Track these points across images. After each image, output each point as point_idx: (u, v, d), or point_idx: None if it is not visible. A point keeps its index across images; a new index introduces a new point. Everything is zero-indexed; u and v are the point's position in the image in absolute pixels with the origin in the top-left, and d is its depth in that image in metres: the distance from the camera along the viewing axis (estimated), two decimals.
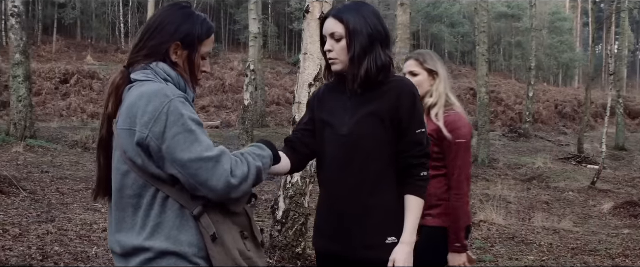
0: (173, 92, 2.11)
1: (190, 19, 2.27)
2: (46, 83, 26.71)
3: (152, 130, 2.05)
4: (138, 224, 2.14)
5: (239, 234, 2.20)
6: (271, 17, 46.22)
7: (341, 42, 2.59)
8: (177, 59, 2.26)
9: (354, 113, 2.60)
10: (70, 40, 41.63)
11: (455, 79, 41.73)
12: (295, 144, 2.75)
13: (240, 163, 2.13)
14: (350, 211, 2.61)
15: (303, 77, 5.39)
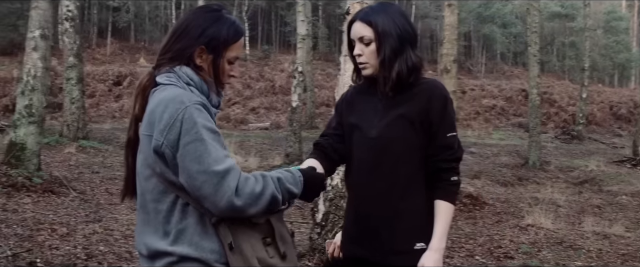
0: (190, 98, 2.08)
1: (217, 23, 2.23)
2: (100, 85, 27.27)
3: (167, 138, 2.03)
4: (160, 229, 2.13)
5: (260, 242, 2.15)
6: (321, 18, 46.28)
7: (370, 46, 2.55)
8: (201, 62, 2.22)
9: (384, 116, 2.55)
10: (124, 42, 42.39)
11: (507, 79, 41.23)
12: (327, 149, 2.70)
13: (252, 183, 2.06)
14: (379, 216, 2.56)
15: (343, 79, 5.37)
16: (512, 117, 31.18)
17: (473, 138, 24.55)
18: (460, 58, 44.45)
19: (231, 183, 2.00)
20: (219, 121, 24.19)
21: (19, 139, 9.67)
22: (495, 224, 8.99)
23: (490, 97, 33.16)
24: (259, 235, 2.15)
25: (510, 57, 54.08)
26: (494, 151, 19.94)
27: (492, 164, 17.10)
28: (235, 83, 29.95)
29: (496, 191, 12.44)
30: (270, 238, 2.18)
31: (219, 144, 2.06)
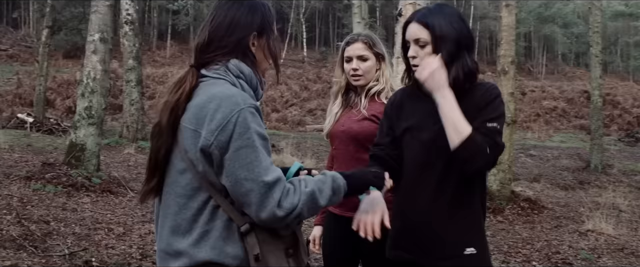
0: (244, 99, 2.03)
1: (257, 7, 2.23)
2: (159, 87, 27.68)
3: (218, 139, 1.98)
4: (183, 226, 2.09)
5: (283, 252, 2.12)
6: (379, 20, 46.14)
7: (426, 48, 2.49)
8: (256, 49, 2.22)
9: (438, 119, 2.46)
10: (183, 45, 43.02)
11: (569, 80, 40.36)
12: (384, 159, 2.67)
13: (291, 194, 2.03)
14: (429, 220, 2.50)
15: (396, 81, 5.30)
16: (573, 119, 30.51)
17: (533, 141, 24.10)
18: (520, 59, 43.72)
19: (276, 195, 1.98)
20: (276, 123, 24.46)
21: (79, 140, 9.88)
22: (553, 229, 8.78)
23: (551, 99, 32.52)
24: (283, 246, 2.12)
25: (571, 58, 52.98)
26: (554, 154, 19.52)
27: (552, 167, 16.74)
28: (292, 85, 30.12)
29: (556, 195, 12.16)
30: (293, 249, 2.15)
31: (267, 151, 2.04)
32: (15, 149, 13.28)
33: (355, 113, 3.32)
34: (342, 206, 3.23)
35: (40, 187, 8.85)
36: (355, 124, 3.27)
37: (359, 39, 3.35)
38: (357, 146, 3.24)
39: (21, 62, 31.72)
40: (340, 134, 3.34)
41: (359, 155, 3.22)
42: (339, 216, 3.30)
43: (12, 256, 5.73)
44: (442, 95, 2.41)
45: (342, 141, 3.33)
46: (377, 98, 3.31)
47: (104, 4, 10.18)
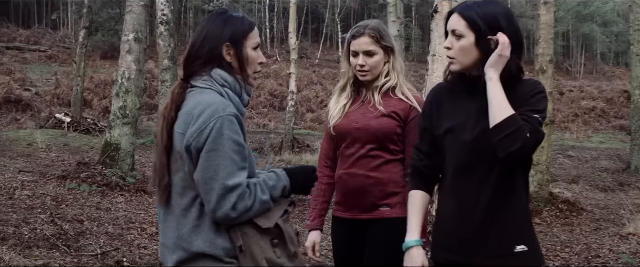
0: (225, 108, 2.28)
1: (230, 20, 2.44)
2: None
3: (196, 140, 2.25)
4: (175, 221, 2.36)
5: (269, 243, 2.32)
6: (415, 19, 45.87)
7: (461, 41, 2.42)
8: (230, 59, 2.43)
9: (479, 118, 2.39)
10: None
11: (608, 80, 39.68)
12: (424, 173, 2.64)
13: (246, 198, 2.26)
14: (476, 220, 2.43)
15: (432, 80, 5.20)
16: (613, 119, 29.91)
17: (571, 141, 23.69)
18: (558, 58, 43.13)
19: (232, 199, 2.23)
20: (311, 123, 24.42)
21: (113, 139, 9.92)
22: (593, 232, 8.57)
23: (590, 99, 31.94)
24: (268, 237, 2.32)
25: (611, 57, 52.09)
26: (593, 155, 19.14)
27: (591, 169, 16.41)
28: (327, 85, 30.04)
29: (595, 197, 11.90)
30: (279, 240, 2.34)
31: (240, 157, 2.27)
32: (53, 149, 13.42)
33: (371, 110, 3.14)
34: (348, 212, 3.17)
35: (75, 187, 8.91)
36: (374, 121, 3.11)
37: (365, 32, 3.13)
38: (374, 145, 3.10)
39: (60, 63, 32.11)
40: (355, 132, 3.14)
41: (376, 154, 3.10)
42: (343, 219, 3.21)
43: (44, 255, 5.75)
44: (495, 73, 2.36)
45: (357, 140, 3.14)
46: (392, 94, 3.15)
47: (139, 4, 10.22)
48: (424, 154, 2.64)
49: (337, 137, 3.23)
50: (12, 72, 26.89)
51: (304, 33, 44.64)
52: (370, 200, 3.10)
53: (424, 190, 2.64)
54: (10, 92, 21.87)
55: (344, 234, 3.24)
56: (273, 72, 31.79)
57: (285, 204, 2.42)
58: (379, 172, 3.10)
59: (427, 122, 2.64)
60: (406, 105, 3.10)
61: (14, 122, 19.37)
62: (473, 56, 2.43)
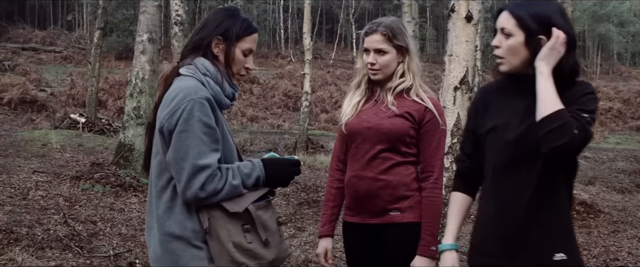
0: (198, 92, 2.36)
1: (231, 18, 2.54)
2: None
3: (168, 122, 2.34)
4: (153, 203, 2.46)
5: (239, 228, 2.37)
6: (429, 20, 45.71)
7: (509, 40, 2.36)
8: (218, 52, 2.53)
9: (526, 115, 2.33)
10: None
11: (624, 81, 39.34)
12: (466, 174, 2.62)
13: (216, 180, 2.33)
14: (517, 225, 2.36)
15: (448, 80, 5.11)
16: (629, 120, 29.66)
17: None
18: None
19: (201, 178, 2.30)
20: (325, 124, 24.35)
21: (127, 140, 9.91)
22: (611, 234, 8.45)
23: (606, 100, 31.66)
24: (238, 222, 2.37)
25: (627, 58, 51.64)
26: (609, 156, 18.95)
27: (607, 170, 16.23)
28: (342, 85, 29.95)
29: (612, 199, 11.75)
30: (250, 225, 2.39)
31: (210, 139, 2.34)
32: (67, 149, 13.43)
33: (383, 110, 3.04)
34: (358, 216, 3.08)
35: (89, 187, 8.90)
36: (386, 121, 3.00)
37: (377, 29, 3.03)
38: (386, 146, 2.99)
39: (75, 63, 32.21)
40: (366, 132, 3.03)
41: (386, 156, 3.00)
42: (353, 223, 3.12)
43: (57, 256, 5.73)
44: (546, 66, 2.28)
45: (367, 139, 3.03)
46: (406, 95, 3.05)
47: (153, 5, 10.21)
48: (466, 154, 2.61)
49: (348, 136, 3.13)
50: (27, 73, 27.00)
51: (318, 33, 44.58)
52: (380, 204, 3.00)
53: (465, 192, 2.62)
54: (26, 92, 21.92)
55: (355, 239, 3.15)
56: (287, 73, 31.75)
57: (261, 191, 2.45)
58: (389, 174, 2.99)
59: (472, 122, 2.59)
60: (421, 107, 3.01)
61: (29, 123, 19.42)
62: (522, 55, 2.36)
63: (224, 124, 2.50)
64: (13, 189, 8.47)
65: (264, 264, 2.42)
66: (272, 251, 2.44)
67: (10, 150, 12.58)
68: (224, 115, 2.63)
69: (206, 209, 2.36)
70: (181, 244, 2.37)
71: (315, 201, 9.55)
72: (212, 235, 2.36)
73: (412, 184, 2.99)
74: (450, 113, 4.98)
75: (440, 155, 3.02)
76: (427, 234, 2.93)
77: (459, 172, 2.65)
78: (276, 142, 17.84)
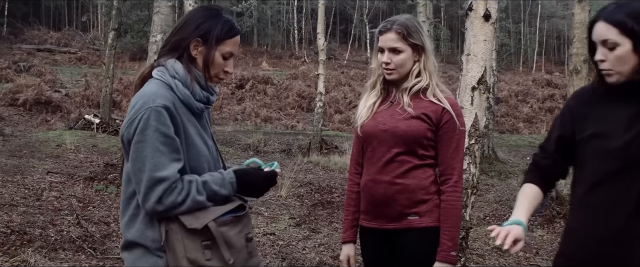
0: (155, 99, 2.28)
1: (213, 19, 2.43)
2: (223, 88, 27.79)
3: (127, 131, 2.29)
4: (122, 209, 2.42)
5: (198, 244, 2.28)
6: (444, 20, 45.53)
7: (615, 51, 2.22)
8: (196, 54, 2.43)
9: (633, 123, 2.22)
10: (247, 46, 43.27)
11: None
12: (543, 170, 2.52)
13: (175, 193, 2.25)
14: (613, 235, 2.24)
15: (465, 80, 5.01)
16: None
17: None
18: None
19: (158, 191, 2.23)
20: (339, 125, 24.26)
21: None
22: None
23: None
24: (197, 238, 2.28)
25: None
26: None
27: None
28: (356, 86, 29.86)
29: None
30: (211, 241, 2.29)
31: (169, 149, 2.27)
32: (81, 150, 13.42)
33: (399, 111, 2.94)
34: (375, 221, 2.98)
35: (102, 188, 8.87)
36: (402, 123, 2.90)
37: (392, 28, 2.93)
38: (402, 148, 2.89)
39: (89, 64, 32.35)
40: (382, 134, 2.93)
41: (403, 159, 2.89)
42: (370, 228, 3.03)
43: (70, 257, 5.68)
44: None
45: (383, 142, 2.93)
46: (423, 95, 2.94)
47: (166, 5, 10.15)
48: (548, 153, 2.51)
49: (364, 139, 3.03)
50: (42, 74, 27.12)
51: (331, 34, 44.51)
52: (397, 208, 2.90)
53: (538, 185, 2.49)
54: (41, 93, 22.00)
55: (372, 245, 3.06)
56: (301, 73, 31.67)
57: (229, 206, 2.37)
58: (406, 178, 2.89)
59: (563, 127, 2.47)
60: (438, 108, 2.90)
61: (44, 123, 19.49)
62: (632, 63, 2.23)
63: (195, 129, 2.42)
64: (27, 189, 8.45)
65: None
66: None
67: (24, 150, 12.59)
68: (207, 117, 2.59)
69: (165, 221, 2.30)
70: (142, 251, 2.34)
71: (329, 202, 9.47)
72: (169, 248, 2.30)
73: (430, 188, 2.90)
74: (468, 114, 4.88)
75: (459, 157, 2.92)
76: (447, 239, 2.83)
77: (536, 166, 2.53)
78: (290, 143, 17.79)
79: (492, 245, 7.48)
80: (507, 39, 45.38)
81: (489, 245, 7.50)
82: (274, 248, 6.88)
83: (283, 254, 6.66)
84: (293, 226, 8.04)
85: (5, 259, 5.41)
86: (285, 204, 9.43)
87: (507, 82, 33.20)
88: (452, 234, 2.84)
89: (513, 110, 27.28)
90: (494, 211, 9.68)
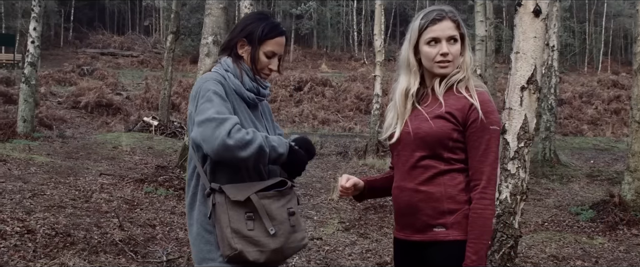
0: (213, 76, 2.67)
1: (258, 21, 2.77)
2: (281, 90, 27.83)
3: (193, 105, 2.60)
4: (185, 189, 2.76)
5: (241, 215, 2.52)
6: (505, 20, 44.64)
7: None
8: (243, 53, 2.80)
9: None
10: (307, 49, 43.31)
11: None
12: None
13: (244, 132, 2.46)
14: None
15: (514, 80, 4.74)
16: None
17: None
18: None
19: (226, 127, 2.43)
20: None
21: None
22: None
23: None
24: (241, 210, 2.52)
25: None
26: None
27: None
28: None
29: None
30: (254, 213, 2.53)
31: (227, 108, 2.55)
32: (137, 152, 13.53)
33: (423, 111, 2.66)
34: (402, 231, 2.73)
35: (152, 190, 8.86)
36: (425, 123, 2.62)
37: (447, 15, 2.65)
38: (425, 152, 2.61)
39: (151, 67, 32.88)
40: (406, 137, 2.67)
41: (427, 164, 2.61)
42: (398, 239, 2.78)
43: (110, 261, 5.63)
44: None
45: (407, 146, 2.68)
46: (455, 91, 2.65)
47: (218, 7, 10.12)
48: None
49: (391, 144, 2.77)
50: (105, 77, 27.67)
51: (391, 35, 44.14)
52: (422, 218, 2.62)
53: None
54: (102, 96, 22.39)
55: (401, 256, 2.80)
56: (360, 75, 31.46)
57: (271, 181, 2.62)
58: (431, 185, 2.60)
59: None
60: (465, 105, 2.59)
61: (104, 125, 19.80)
62: None
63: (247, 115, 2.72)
64: (77, 191, 8.49)
65: (266, 251, 2.54)
66: (277, 240, 2.56)
67: (81, 152, 12.75)
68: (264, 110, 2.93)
69: (213, 195, 2.55)
70: (200, 229, 2.62)
71: (382, 206, 9.25)
72: (216, 219, 2.54)
73: (459, 196, 2.60)
74: (517, 115, 4.63)
75: (489, 160, 2.58)
76: (472, 252, 2.52)
77: None
78: (346, 146, 17.62)
79: (549, 253, 7.15)
80: (571, 39, 44.20)
81: (545, 253, 7.16)
82: (320, 253, 6.71)
83: (327, 259, 6.49)
84: (341, 230, 7.86)
85: (45, 261, 5.39)
86: (336, 207, 9.27)
87: (571, 83, 32.27)
88: (477, 247, 2.53)
89: (577, 112, 26.47)
90: (553, 216, 9.29)
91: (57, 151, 12.72)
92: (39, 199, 7.64)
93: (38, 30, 14.82)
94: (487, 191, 2.56)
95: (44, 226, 6.35)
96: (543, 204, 10.31)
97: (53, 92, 23.79)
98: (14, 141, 13.17)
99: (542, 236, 7.94)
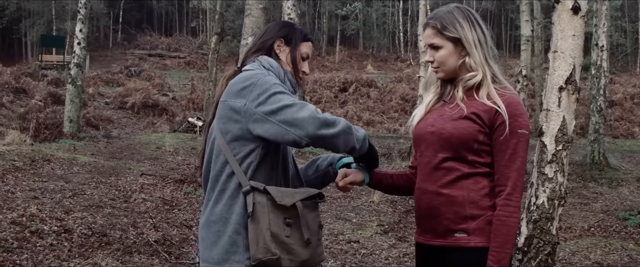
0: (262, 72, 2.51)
1: (290, 26, 2.76)
2: (326, 91, 27.82)
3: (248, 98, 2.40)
4: (209, 186, 2.56)
5: (281, 219, 2.42)
6: None
7: None
8: (280, 53, 2.69)
9: None
10: (353, 50, 43.23)
11: None
12: None
13: (329, 114, 2.40)
14: None
15: (552, 80, 4.57)
16: None
17: None
18: None
19: (310, 107, 2.37)
20: None
21: None
22: None
23: None
24: (281, 214, 2.43)
25: None
26: None
27: None
28: None
29: None
30: (293, 220, 2.44)
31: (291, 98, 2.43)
32: (180, 152, 13.61)
33: (448, 110, 2.58)
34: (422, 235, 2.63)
35: (191, 191, 8.88)
36: (449, 124, 2.53)
37: (428, 23, 2.63)
38: (448, 154, 2.51)
39: (197, 68, 33.24)
40: (429, 137, 2.58)
41: (449, 166, 2.51)
42: (419, 243, 2.68)
43: (143, 261, 5.63)
44: None
45: (430, 146, 2.58)
46: (475, 94, 2.54)
47: (257, 7, 10.11)
48: None
49: (414, 142, 2.70)
50: (151, 78, 28.04)
51: None
52: (443, 222, 2.52)
53: None
54: (148, 96, 22.70)
55: (421, 260, 2.70)
56: (405, 76, 31.26)
57: (314, 191, 2.53)
58: (453, 188, 2.51)
59: None
60: (491, 107, 2.49)
61: (150, 126, 20.03)
62: None
63: None
64: (118, 191, 8.56)
65: (296, 261, 2.45)
66: (307, 251, 2.48)
67: (125, 152, 12.89)
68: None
69: (253, 194, 2.42)
70: (225, 226, 2.47)
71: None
72: (253, 219, 2.40)
73: (482, 201, 2.50)
74: (555, 116, 4.45)
75: (515, 165, 2.47)
76: (494, 261, 2.41)
77: None
78: (391, 147, 17.49)
79: (593, 259, 6.93)
80: (623, 39, 43.20)
81: (590, 259, 6.95)
82: (356, 257, 6.62)
83: (363, 263, 6.40)
84: (380, 233, 7.75)
85: (79, 261, 5.41)
86: (376, 210, 9.15)
87: (622, 84, 31.52)
88: (500, 256, 2.41)
89: (628, 114, 25.83)
90: (599, 221, 9.02)
91: (101, 151, 12.88)
92: (78, 199, 7.72)
93: (84, 31, 15.06)
94: (512, 198, 2.46)
95: (81, 225, 6.40)
96: (590, 208, 10.03)
97: (101, 92, 24.19)
98: (60, 141, 13.39)
99: (587, 242, 7.72)
